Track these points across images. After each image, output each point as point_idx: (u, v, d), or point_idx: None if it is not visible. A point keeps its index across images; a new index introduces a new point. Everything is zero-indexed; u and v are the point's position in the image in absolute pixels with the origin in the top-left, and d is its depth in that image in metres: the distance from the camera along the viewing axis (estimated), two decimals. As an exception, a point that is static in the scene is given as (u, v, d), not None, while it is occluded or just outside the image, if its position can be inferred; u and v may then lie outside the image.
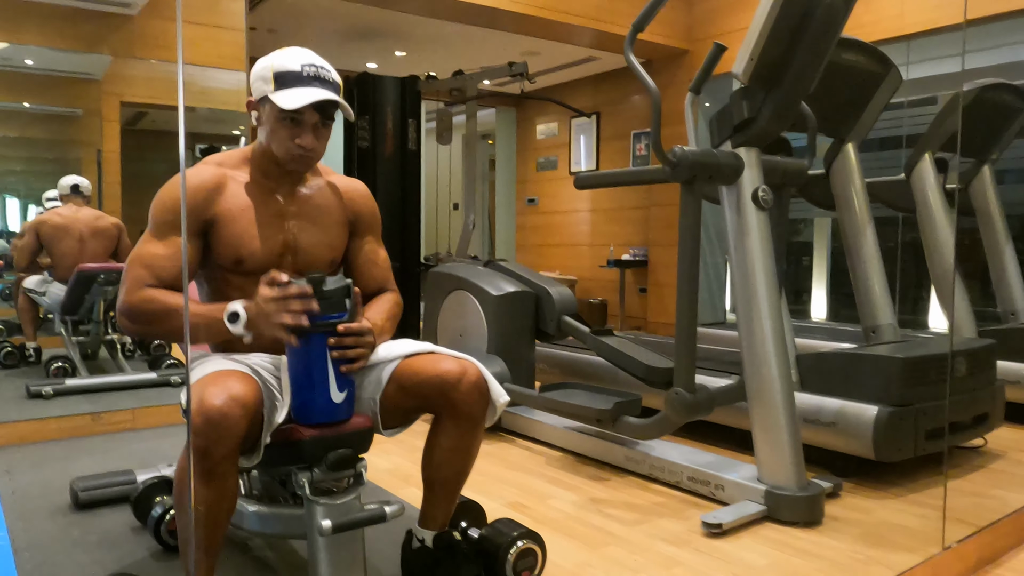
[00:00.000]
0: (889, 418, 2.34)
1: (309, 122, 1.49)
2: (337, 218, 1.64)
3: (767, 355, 2.19)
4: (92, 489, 2.15)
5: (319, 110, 1.49)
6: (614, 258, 6.18)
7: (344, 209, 1.66)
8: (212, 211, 1.50)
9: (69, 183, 3.79)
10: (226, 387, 1.28)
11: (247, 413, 1.28)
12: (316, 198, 1.62)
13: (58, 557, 1.82)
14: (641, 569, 1.82)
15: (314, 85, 1.47)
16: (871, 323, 3.14)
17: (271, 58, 1.50)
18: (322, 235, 1.60)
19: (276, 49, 1.52)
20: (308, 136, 1.50)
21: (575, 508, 2.25)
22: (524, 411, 3.08)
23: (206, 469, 1.27)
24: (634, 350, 2.68)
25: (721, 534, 2.03)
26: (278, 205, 1.57)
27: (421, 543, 1.59)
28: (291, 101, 1.44)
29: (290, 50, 1.51)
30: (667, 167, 2.24)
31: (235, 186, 1.54)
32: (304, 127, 1.49)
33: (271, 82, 1.47)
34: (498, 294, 3.06)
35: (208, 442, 1.25)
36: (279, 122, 1.49)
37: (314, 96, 1.45)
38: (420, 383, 1.50)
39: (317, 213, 1.61)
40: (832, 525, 2.10)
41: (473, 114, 5.25)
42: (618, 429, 2.57)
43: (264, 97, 1.49)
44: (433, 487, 1.60)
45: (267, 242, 1.53)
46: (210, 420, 1.24)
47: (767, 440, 2.19)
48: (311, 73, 1.48)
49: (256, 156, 1.57)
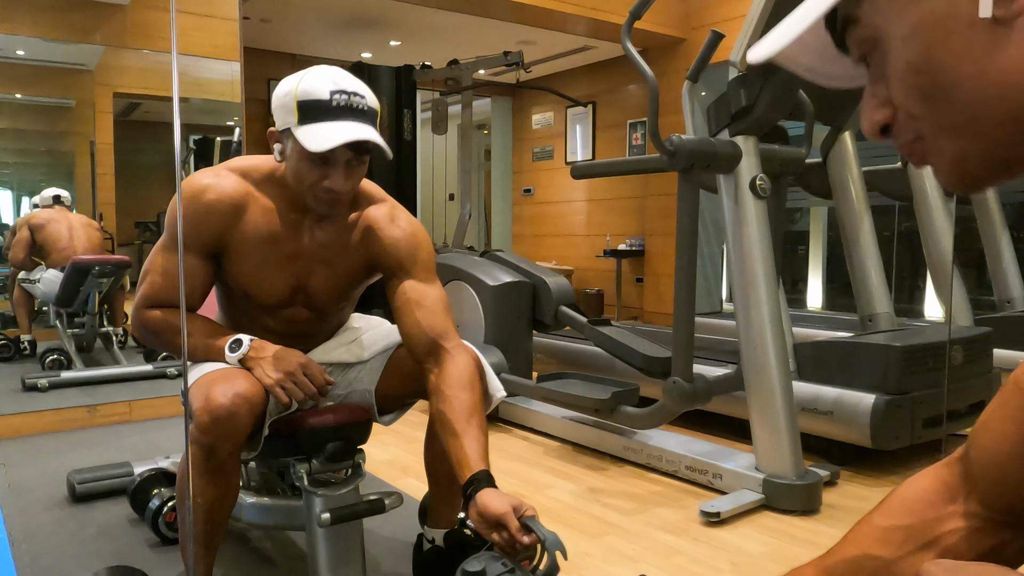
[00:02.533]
0: (886, 406, 2.35)
1: (340, 160, 1.30)
2: (354, 261, 1.46)
3: (765, 344, 2.19)
4: (89, 481, 2.15)
5: (351, 147, 1.29)
6: (610, 248, 6.18)
7: (365, 251, 1.45)
8: (228, 236, 1.38)
9: (51, 194, 3.83)
10: (232, 384, 1.26)
11: (253, 411, 1.27)
12: (337, 238, 1.44)
13: (55, 550, 1.81)
14: (640, 558, 1.83)
15: (345, 118, 1.27)
16: (868, 312, 3.14)
17: (295, 82, 1.29)
18: (336, 280, 1.47)
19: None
20: (338, 177, 1.30)
21: (573, 498, 2.25)
22: (522, 401, 3.08)
23: (212, 467, 1.26)
24: (632, 340, 2.68)
25: (719, 522, 2.03)
26: (295, 242, 1.42)
27: (432, 543, 1.56)
28: (318, 142, 1.24)
29: (317, 73, 1.29)
30: (665, 156, 2.23)
31: (256, 211, 1.38)
32: (335, 167, 1.30)
33: (294, 112, 1.27)
34: (495, 284, 3.05)
35: (214, 440, 1.23)
36: (304, 162, 1.30)
37: (345, 135, 1.25)
38: (414, 367, 1.45)
39: (332, 255, 1.44)
40: (830, 513, 2.11)
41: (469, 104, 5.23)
42: (616, 419, 2.57)
43: (285, 129, 1.30)
44: (438, 480, 1.56)
45: (276, 284, 1.43)
46: (217, 418, 1.22)
47: (765, 429, 2.19)
48: (342, 103, 1.27)
49: (283, 182, 1.39)
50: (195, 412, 1.25)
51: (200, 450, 1.24)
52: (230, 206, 1.37)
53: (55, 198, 3.80)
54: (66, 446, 2.71)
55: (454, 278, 3.23)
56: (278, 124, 1.33)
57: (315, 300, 1.49)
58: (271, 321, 1.50)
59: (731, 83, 2.26)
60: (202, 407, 1.23)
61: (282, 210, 1.41)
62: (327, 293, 1.49)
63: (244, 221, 1.38)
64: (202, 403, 1.24)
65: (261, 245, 1.39)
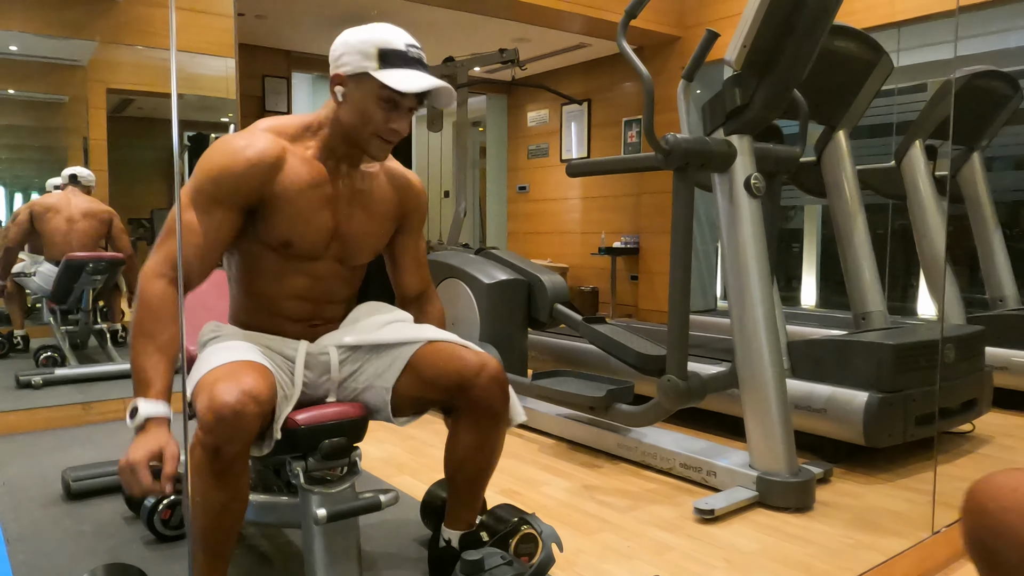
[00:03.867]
0: (879, 404, 2.36)
1: (406, 106, 1.42)
2: (388, 210, 1.58)
3: (759, 342, 2.20)
4: (84, 479, 2.14)
5: (418, 95, 1.42)
6: (605, 246, 6.19)
7: (397, 203, 1.60)
8: (269, 189, 1.41)
9: (68, 172, 3.78)
10: (239, 382, 1.22)
11: (261, 410, 1.23)
12: (371, 186, 1.56)
13: (50, 547, 1.81)
14: (634, 555, 1.83)
15: (420, 69, 1.40)
16: (861, 310, 3.16)
17: (370, 31, 1.39)
18: (371, 225, 1.55)
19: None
20: (404, 120, 1.43)
21: (568, 495, 2.26)
22: (517, 399, 3.08)
23: (217, 469, 1.21)
24: (626, 338, 2.68)
25: (713, 520, 2.04)
26: (333, 188, 1.49)
27: (447, 543, 1.56)
28: (405, 83, 1.35)
29: (390, 27, 1.41)
30: (660, 155, 2.24)
31: (294, 162, 1.44)
32: (401, 111, 1.42)
33: (375, 59, 1.37)
34: (490, 282, 3.05)
35: (219, 440, 1.19)
36: (377, 103, 1.39)
37: (425, 81, 1.37)
38: (438, 375, 1.46)
39: (370, 202, 1.55)
40: (823, 510, 2.12)
41: (464, 101, 5.22)
42: (611, 416, 2.58)
43: (362, 73, 1.38)
44: (457, 486, 1.55)
45: (317, 228, 1.47)
46: (222, 418, 1.18)
47: (759, 427, 2.20)
48: (416, 55, 1.40)
49: (324, 131, 1.47)
50: (199, 412, 1.21)
51: (205, 452, 1.19)
52: (272, 158, 1.41)
53: (71, 177, 3.75)
54: (61, 444, 2.71)
55: (449, 276, 3.23)
56: (349, 68, 1.39)
57: (348, 247, 1.52)
58: (298, 279, 1.49)
59: (726, 82, 2.27)
60: (206, 406, 1.19)
61: (319, 158, 1.47)
62: (360, 240, 1.53)
63: (284, 172, 1.43)
64: (207, 402, 1.20)
65: (302, 191, 1.44)
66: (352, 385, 1.53)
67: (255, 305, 1.52)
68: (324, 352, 1.51)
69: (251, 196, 1.40)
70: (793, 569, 1.76)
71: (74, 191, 3.75)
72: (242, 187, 1.39)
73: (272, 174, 1.41)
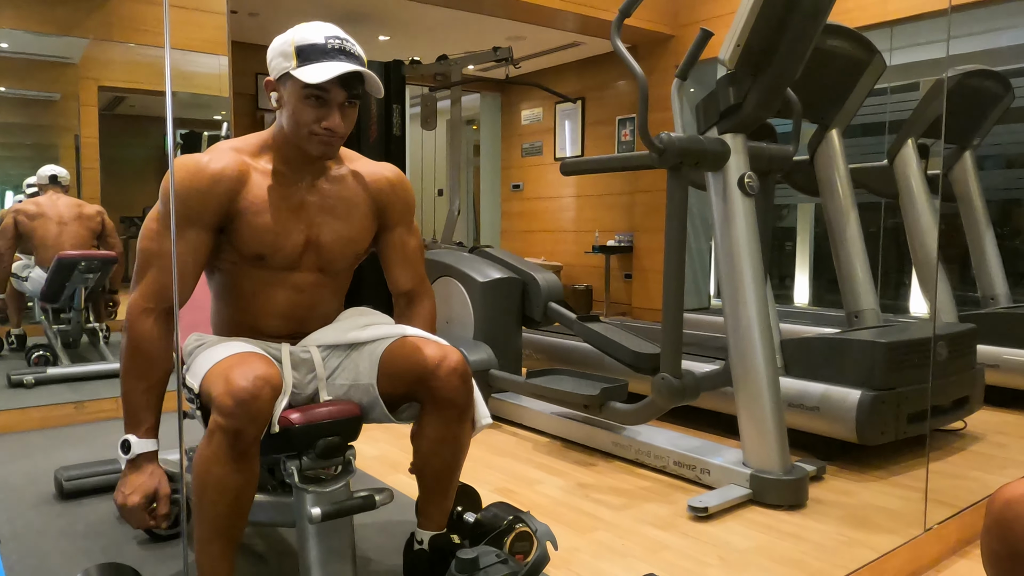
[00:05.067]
0: (872, 402, 2.37)
1: (335, 101, 1.39)
2: (363, 211, 1.56)
3: (752, 340, 2.21)
4: (77, 479, 2.13)
5: (345, 86, 1.38)
6: (599, 244, 6.19)
7: (371, 200, 1.57)
8: (235, 204, 1.42)
9: (48, 173, 3.73)
10: (251, 367, 1.27)
11: (274, 392, 1.28)
12: (340, 189, 1.53)
13: (44, 547, 1.80)
14: (629, 553, 1.84)
15: (340, 59, 1.37)
16: (854, 308, 3.17)
17: (291, 32, 1.40)
18: (346, 229, 1.53)
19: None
20: (334, 116, 1.39)
21: (563, 493, 2.26)
22: (511, 397, 3.09)
23: (237, 453, 1.24)
24: (620, 336, 2.69)
25: (707, 518, 2.05)
26: (300, 197, 1.48)
27: (420, 544, 1.56)
28: (315, 75, 1.34)
29: (312, 24, 1.41)
30: (654, 153, 2.24)
31: (257, 176, 1.45)
32: (330, 106, 1.39)
33: (292, 57, 1.37)
34: (484, 281, 3.05)
35: (239, 423, 1.22)
36: (302, 101, 1.38)
37: (340, 69, 1.34)
38: (402, 370, 1.47)
39: (341, 205, 1.53)
40: (816, 508, 2.13)
41: (458, 99, 5.22)
42: (605, 415, 2.59)
43: (285, 74, 1.39)
44: (425, 481, 1.55)
45: (289, 238, 1.46)
46: (241, 401, 1.22)
47: (752, 424, 2.21)
48: (336, 46, 1.38)
49: (277, 142, 1.48)
50: (216, 398, 1.24)
51: (226, 436, 1.23)
52: (234, 172, 1.42)
53: (52, 178, 3.71)
54: (53, 443, 2.70)
55: (443, 274, 3.23)
56: (274, 72, 1.41)
57: (325, 255, 1.51)
58: (278, 291, 1.49)
59: (720, 81, 2.27)
60: (224, 392, 1.23)
61: (281, 171, 1.48)
62: (336, 246, 1.52)
63: (248, 187, 1.43)
64: (223, 388, 1.23)
65: (268, 204, 1.44)
66: (338, 382, 1.53)
67: (239, 320, 1.53)
68: (305, 350, 1.52)
69: (219, 212, 1.41)
70: (786, 566, 1.76)
71: (56, 192, 3.73)
72: (209, 203, 1.39)
73: (237, 188, 1.42)
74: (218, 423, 1.23)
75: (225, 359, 1.32)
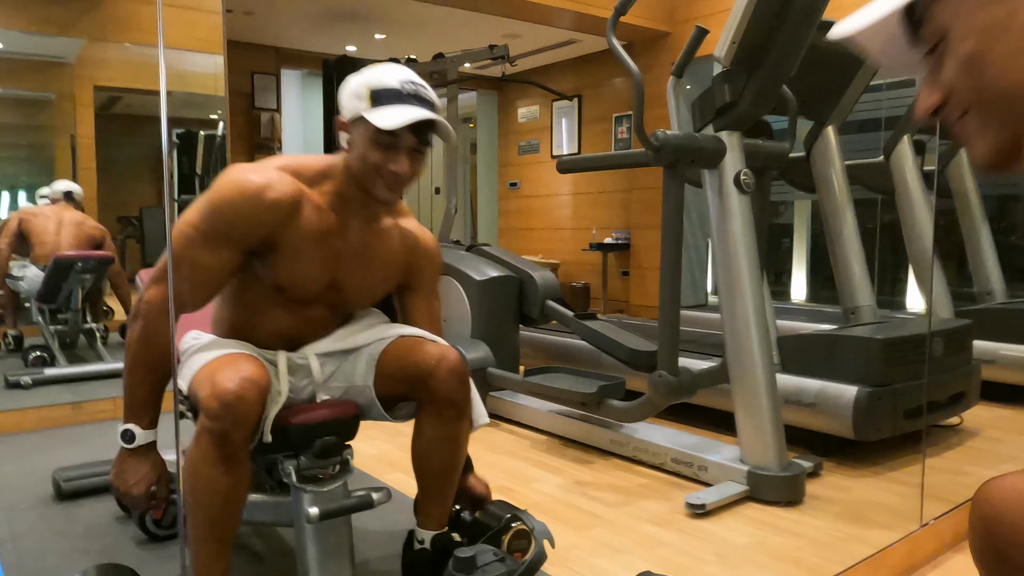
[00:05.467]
0: (868, 398, 2.38)
1: (404, 145, 1.37)
2: (392, 267, 1.56)
3: (749, 337, 2.22)
4: (75, 479, 2.14)
5: (416, 132, 1.37)
6: (596, 241, 6.19)
7: (403, 261, 1.58)
8: (280, 235, 1.39)
9: (63, 188, 3.75)
10: (239, 369, 1.27)
11: (261, 394, 1.27)
12: (382, 241, 1.53)
13: (42, 548, 1.80)
14: (626, 550, 1.85)
15: (414, 104, 1.36)
16: (850, 304, 3.18)
17: (367, 74, 1.38)
18: (370, 280, 1.54)
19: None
20: (403, 160, 1.38)
21: (560, 491, 2.27)
22: (509, 395, 3.10)
23: (225, 454, 1.25)
24: (617, 334, 2.69)
25: (704, 514, 2.05)
26: (342, 239, 1.47)
27: (421, 544, 1.56)
28: (389, 120, 1.32)
29: (388, 66, 1.40)
30: (650, 151, 2.24)
31: (309, 210, 1.42)
32: (399, 151, 1.37)
33: (367, 99, 1.36)
34: (481, 279, 3.05)
35: (226, 426, 1.23)
36: (373, 144, 1.36)
37: (414, 115, 1.33)
38: (399, 370, 1.48)
39: (377, 258, 1.53)
40: (813, 504, 2.14)
41: (454, 97, 5.22)
42: (602, 412, 2.59)
43: (358, 117, 1.37)
44: (425, 481, 1.56)
45: (315, 278, 1.46)
46: (227, 404, 1.22)
47: (749, 421, 2.22)
48: (410, 91, 1.36)
49: (340, 177, 1.45)
50: (203, 400, 1.25)
51: (212, 438, 1.23)
52: (289, 205, 1.39)
53: (66, 194, 3.72)
54: (51, 444, 2.70)
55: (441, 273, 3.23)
56: (347, 113, 1.40)
57: (343, 299, 1.52)
58: (286, 316, 1.49)
59: (716, 78, 2.27)
60: (210, 394, 1.23)
61: (333, 207, 1.45)
62: (356, 292, 1.53)
63: (299, 220, 1.41)
64: (209, 390, 1.24)
65: (311, 242, 1.42)
66: (334, 385, 1.54)
67: (239, 328, 1.52)
68: (303, 357, 1.52)
69: (262, 239, 1.39)
70: (783, 563, 1.77)
71: (67, 207, 3.74)
72: (256, 231, 1.37)
73: (286, 221, 1.39)
74: (205, 426, 1.24)
75: (212, 362, 1.32)
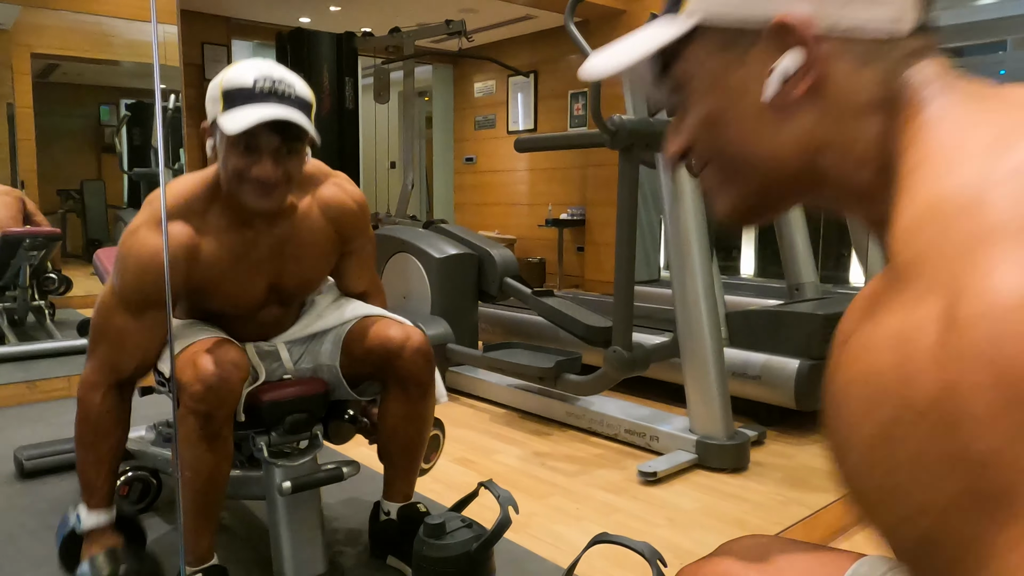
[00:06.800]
0: (810, 371, 2.52)
1: (267, 148, 1.25)
2: (325, 246, 1.51)
3: (699, 315, 2.32)
4: (37, 458, 2.14)
5: (279, 131, 1.25)
6: (552, 217, 6.27)
7: (334, 234, 1.52)
8: (192, 277, 1.37)
9: None
10: (219, 352, 1.31)
11: (242, 375, 1.32)
12: (302, 227, 1.46)
13: (9, 526, 1.81)
14: (583, 516, 1.94)
15: (269, 102, 1.23)
16: (795, 281, 3.32)
17: (223, 74, 1.28)
18: (309, 270, 1.51)
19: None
20: (266, 164, 1.26)
21: (520, 462, 2.35)
22: (468, 370, 3.16)
23: (209, 433, 1.29)
24: (574, 310, 2.78)
25: (656, 482, 2.17)
26: (258, 247, 1.41)
27: (387, 515, 1.62)
28: (235, 122, 1.21)
29: (246, 63, 1.29)
30: (606, 135, 2.31)
31: (210, 241, 1.36)
32: (260, 153, 1.26)
33: (220, 102, 1.25)
34: (441, 257, 3.10)
35: (210, 407, 1.27)
36: (232, 150, 1.26)
37: (264, 115, 1.21)
38: (366, 352, 1.53)
39: (304, 245, 1.47)
40: (757, 470, 2.27)
41: (411, 72, 5.19)
42: (560, 386, 2.68)
43: (214, 121, 1.28)
44: (391, 457, 1.61)
45: (250, 292, 1.45)
46: (210, 385, 1.26)
47: (698, 393, 2.33)
48: (265, 88, 1.24)
49: (220, 190, 1.37)
50: (186, 383, 1.28)
51: (196, 419, 1.28)
52: (187, 250, 1.34)
53: None
54: (8, 423, 2.67)
55: (400, 250, 3.27)
56: (208, 118, 1.31)
57: (290, 295, 1.54)
58: (241, 324, 1.52)
59: (670, 64, 2.34)
60: (193, 376, 1.27)
61: (234, 223, 1.39)
62: (300, 286, 1.54)
63: (202, 256, 1.37)
64: (192, 373, 1.28)
65: (228, 266, 1.40)
66: (302, 366, 1.59)
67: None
68: (271, 345, 1.56)
69: (177, 288, 1.34)
70: (729, 525, 1.89)
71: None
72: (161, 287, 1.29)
73: (193, 263, 1.36)
74: (189, 407, 1.28)
75: (193, 345, 1.36)
